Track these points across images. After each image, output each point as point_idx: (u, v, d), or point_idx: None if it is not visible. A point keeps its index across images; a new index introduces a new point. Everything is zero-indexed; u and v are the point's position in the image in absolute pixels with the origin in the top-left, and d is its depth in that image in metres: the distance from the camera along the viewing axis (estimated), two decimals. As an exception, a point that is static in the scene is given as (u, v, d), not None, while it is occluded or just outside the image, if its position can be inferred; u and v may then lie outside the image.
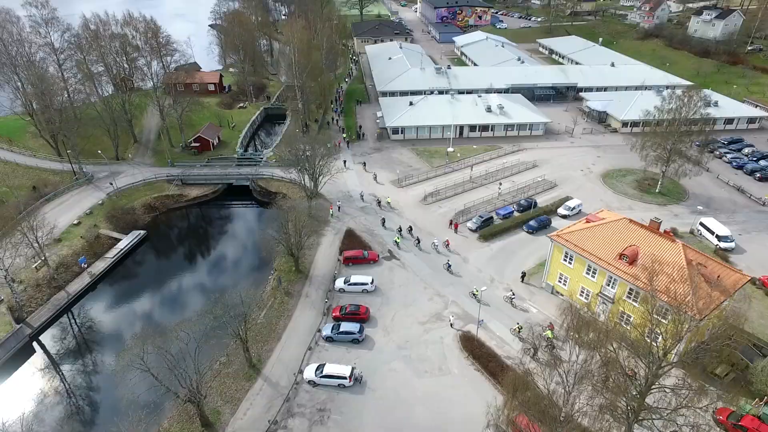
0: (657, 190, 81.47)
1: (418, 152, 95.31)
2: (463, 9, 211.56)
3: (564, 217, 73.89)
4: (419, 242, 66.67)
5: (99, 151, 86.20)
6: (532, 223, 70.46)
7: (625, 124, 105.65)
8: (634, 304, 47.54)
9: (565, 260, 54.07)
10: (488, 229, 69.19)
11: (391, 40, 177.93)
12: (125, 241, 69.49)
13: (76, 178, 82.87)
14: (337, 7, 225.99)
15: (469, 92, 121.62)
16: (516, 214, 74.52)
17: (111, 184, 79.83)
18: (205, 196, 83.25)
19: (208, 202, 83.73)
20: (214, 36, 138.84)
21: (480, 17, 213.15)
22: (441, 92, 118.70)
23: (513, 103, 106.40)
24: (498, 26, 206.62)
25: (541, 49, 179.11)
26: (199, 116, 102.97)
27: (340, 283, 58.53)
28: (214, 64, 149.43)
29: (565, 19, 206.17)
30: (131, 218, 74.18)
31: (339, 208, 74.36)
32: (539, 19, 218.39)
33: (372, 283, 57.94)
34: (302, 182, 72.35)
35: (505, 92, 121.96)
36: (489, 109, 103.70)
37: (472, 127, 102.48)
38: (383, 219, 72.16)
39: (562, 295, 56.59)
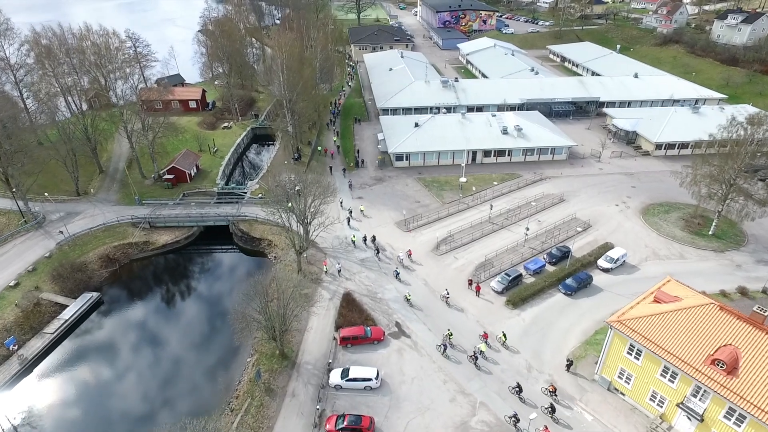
0: (710, 232, 68.90)
1: (425, 183, 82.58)
2: (467, 13, 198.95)
3: (606, 271, 61.28)
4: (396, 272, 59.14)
5: (46, 194, 73.11)
6: (569, 282, 57.82)
7: (659, 146, 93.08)
8: (736, 430, 34.94)
9: (629, 354, 41.45)
10: (517, 292, 56.48)
11: (391, 48, 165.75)
12: (72, 309, 56.58)
13: (23, 221, 70.05)
14: (333, 12, 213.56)
15: (479, 109, 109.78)
16: (548, 267, 61.98)
17: (61, 232, 66.80)
18: (176, 242, 70.24)
19: (180, 250, 70.64)
20: (200, 44, 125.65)
21: (485, 22, 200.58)
22: (448, 109, 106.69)
23: (531, 123, 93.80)
24: (504, 31, 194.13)
25: (551, 56, 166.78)
26: (175, 141, 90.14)
27: (336, 377, 45.66)
28: (200, 75, 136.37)
29: (575, 23, 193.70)
30: (83, 276, 61.18)
31: (339, 271, 60.71)
32: (547, 23, 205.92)
33: (377, 377, 45.15)
34: (289, 230, 58.91)
35: (519, 108, 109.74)
36: (505, 131, 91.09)
37: (487, 152, 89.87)
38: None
39: (623, 394, 43.92)
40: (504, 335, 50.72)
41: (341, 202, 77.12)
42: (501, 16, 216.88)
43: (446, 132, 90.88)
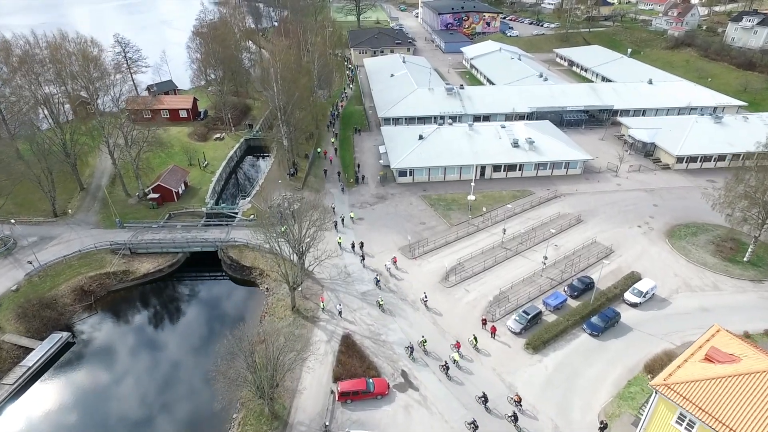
0: (745, 259, 62.70)
1: (431, 201, 76.42)
2: (470, 15, 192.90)
3: (634, 305, 55.13)
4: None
5: (12, 221, 66.76)
6: (595, 321, 51.68)
7: (680, 159, 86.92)
8: None
9: (678, 423, 35.27)
10: (538, 333, 50.28)
11: (392, 51, 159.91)
12: (38, 353, 50.39)
13: (-10, 248, 64.00)
14: (332, 15, 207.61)
15: (486, 118, 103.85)
16: (569, 301, 55.83)
17: (30, 262, 60.57)
18: (159, 270, 63.96)
19: (163, 279, 64.34)
20: (193, 48, 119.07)
21: (488, 24, 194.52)
22: (453, 118, 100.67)
23: (543, 134, 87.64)
24: (508, 33, 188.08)
25: (558, 59, 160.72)
26: (162, 156, 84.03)
27: (333, 445, 39.55)
28: (190, 83, 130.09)
29: (581, 24, 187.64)
30: (52, 314, 54.99)
31: (341, 312, 53.91)
32: (552, 26, 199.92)
33: (381, 446, 39.05)
34: (282, 260, 52.46)
35: (528, 117, 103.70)
36: (516, 144, 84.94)
37: (496, 167, 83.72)
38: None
39: (667, 466, 37.74)
40: (475, 338, 49.71)
41: (333, 208, 73.59)
42: (504, 18, 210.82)
43: (453, 145, 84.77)
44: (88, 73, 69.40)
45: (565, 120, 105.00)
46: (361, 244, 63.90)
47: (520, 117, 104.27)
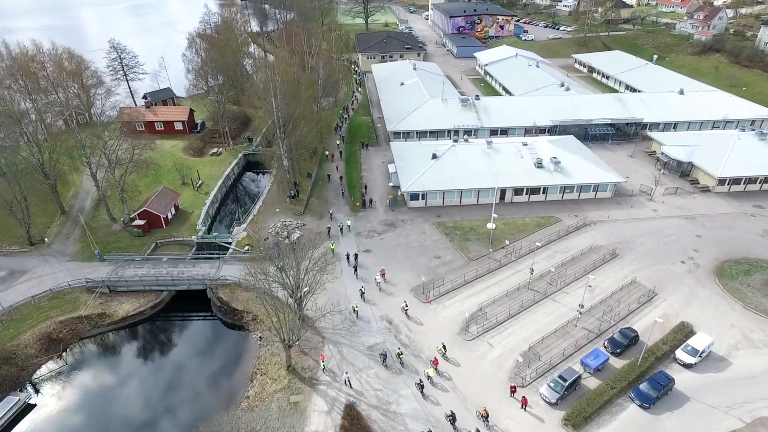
0: (812, 305, 54.34)
1: (446, 230, 68.54)
2: (483, 18, 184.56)
3: (688, 366, 46.95)
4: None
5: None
6: (645, 388, 43.60)
7: (721, 181, 78.41)
8: None
9: None
10: (578, 406, 42.21)
11: (402, 57, 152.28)
12: (-10, 421, 43.23)
13: (-46, 286, 57.01)
14: (339, 18, 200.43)
15: (504, 131, 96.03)
16: (611, 359, 47.76)
17: (-8, 307, 53.64)
18: (140, 313, 56.58)
19: (144, 322, 56.98)
20: (189, 58, 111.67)
21: (502, 27, 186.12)
22: (468, 132, 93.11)
23: (569, 153, 79.50)
24: (523, 37, 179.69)
25: (577, 65, 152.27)
26: (151, 176, 76.99)
27: None
28: (185, 92, 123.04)
29: (600, 28, 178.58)
30: (11, 370, 47.63)
31: (348, 381, 45.26)
32: (569, 29, 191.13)
33: None
34: (273, 312, 44.78)
35: (550, 131, 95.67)
36: (540, 164, 76.90)
37: (518, 189, 75.75)
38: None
39: None
40: (444, 347, 47.89)
41: (331, 214, 71.84)
42: (518, 21, 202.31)
43: (469, 165, 76.87)
44: (64, 88, 62.11)
45: (590, 134, 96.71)
46: (356, 256, 61.46)
47: (541, 131, 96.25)
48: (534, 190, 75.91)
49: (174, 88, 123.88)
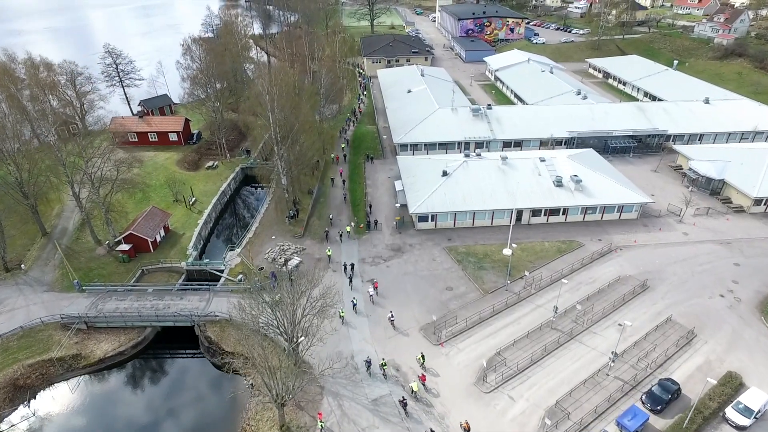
0: None
1: (458, 256, 62.65)
2: (492, 20, 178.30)
3: (741, 429, 40.80)
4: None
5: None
6: (695, 459, 37.60)
7: (758, 201, 72.09)
8: None
9: None
10: (617, 482, 36.34)
11: (408, 61, 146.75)
12: (-59, 491, 37.80)
13: None
14: (343, 20, 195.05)
15: (518, 144, 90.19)
16: (651, 418, 41.73)
17: (-49, 350, 48.24)
18: (120, 353, 50.99)
19: (124, 363, 51.39)
20: (184, 65, 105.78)
21: (512, 30, 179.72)
22: (480, 144, 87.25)
23: (590, 169, 73.43)
24: (534, 41, 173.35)
25: (592, 70, 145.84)
26: (141, 193, 71.58)
27: None
28: (178, 99, 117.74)
29: (614, 31, 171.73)
30: (-30, 426, 42.47)
31: None
32: (582, 32, 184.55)
33: None
34: (264, 371, 39.11)
35: (567, 144, 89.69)
36: (559, 182, 70.86)
37: (536, 210, 69.78)
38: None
39: None
40: (422, 356, 46.40)
41: (331, 218, 68.28)
42: (529, 23, 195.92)
43: (483, 183, 70.96)
44: (39, 102, 56.83)
45: (610, 147, 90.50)
46: (352, 266, 59.73)
47: (558, 143, 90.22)
48: (553, 211, 69.90)
49: (171, 94, 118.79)
